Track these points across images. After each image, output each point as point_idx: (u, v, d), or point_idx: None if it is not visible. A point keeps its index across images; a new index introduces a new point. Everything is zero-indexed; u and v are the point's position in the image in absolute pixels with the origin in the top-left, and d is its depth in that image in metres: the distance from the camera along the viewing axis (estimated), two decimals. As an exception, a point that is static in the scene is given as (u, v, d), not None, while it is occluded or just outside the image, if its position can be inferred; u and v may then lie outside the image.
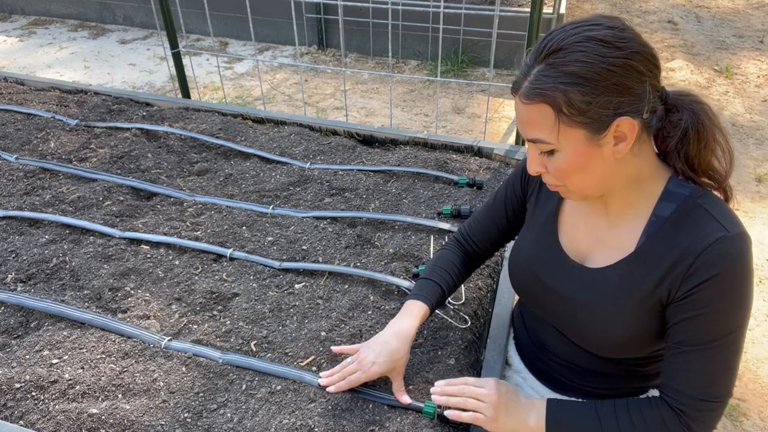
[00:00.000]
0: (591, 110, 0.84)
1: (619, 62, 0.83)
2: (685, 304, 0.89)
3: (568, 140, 0.88)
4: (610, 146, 0.88)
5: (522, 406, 1.01)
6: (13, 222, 1.64)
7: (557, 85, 0.84)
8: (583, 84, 0.83)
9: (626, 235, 0.96)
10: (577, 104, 0.84)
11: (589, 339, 1.02)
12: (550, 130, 0.88)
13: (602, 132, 0.86)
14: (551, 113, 0.86)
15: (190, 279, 1.45)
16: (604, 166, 0.90)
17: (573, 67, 0.83)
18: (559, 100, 0.84)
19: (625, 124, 0.85)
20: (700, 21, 5.22)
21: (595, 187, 0.93)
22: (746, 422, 1.83)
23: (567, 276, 1.03)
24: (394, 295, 1.38)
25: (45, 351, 1.24)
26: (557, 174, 0.92)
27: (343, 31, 2.70)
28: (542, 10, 1.93)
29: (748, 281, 0.88)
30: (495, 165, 1.92)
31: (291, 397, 1.14)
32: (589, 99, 0.84)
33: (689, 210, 0.90)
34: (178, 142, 2.05)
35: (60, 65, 4.75)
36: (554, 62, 0.85)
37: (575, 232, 1.05)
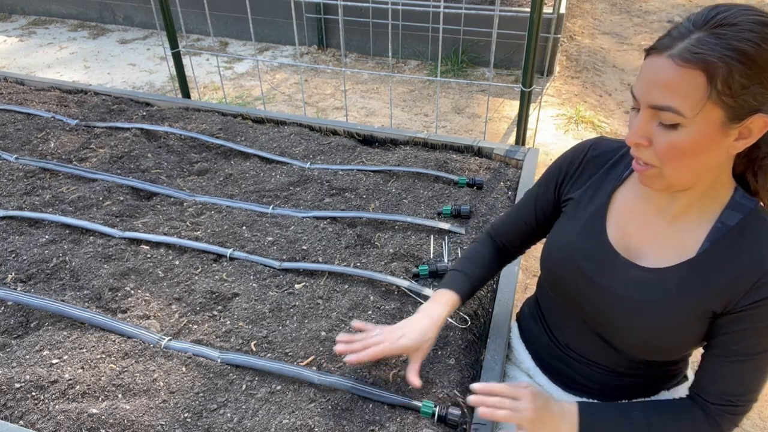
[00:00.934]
0: (743, 95, 0.79)
1: None
2: (743, 317, 0.89)
3: (704, 118, 0.81)
4: (732, 139, 0.83)
5: (556, 415, 0.98)
6: (13, 222, 1.64)
7: (724, 56, 0.77)
8: (749, 66, 0.77)
9: (688, 238, 0.94)
10: (734, 84, 0.78)
11: (629, 339, 1.00)
12: (693, 102, 0.80)
13: (737, 122, 0.81)
14: (704, 85, 0.79)
15: (190, 279, 1.45)
16: (716, 156, 0.85)
17: (745, 45, 0.77)
18: (718, 72, 0.78)
19: (759, 122, 0.81)
20: (700, 21, 5.22)
21: (691, 177, 0.88)
22: (746, 422, 1.83)
23: (617, 273, 1.00)
24: (394, 295, 1.38)
25: (45, 351, 1.24)
26: (666, 152, 0.85)
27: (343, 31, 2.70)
28: (542, 10, 1.93)
29: None
30: (495, 165, 1.92)
31: (291, 397, 1.14)
32: (747, 83, 0.78)
33: (755, 223, 0.89)
34: (178, 142, 2.05)
35: (60, 65, 4.75)
36: (724, 33, 0.78)
37: (627, 228, 1.01)
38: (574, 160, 1.11)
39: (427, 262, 1.47)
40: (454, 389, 1.15)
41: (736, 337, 0.90)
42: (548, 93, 4.13)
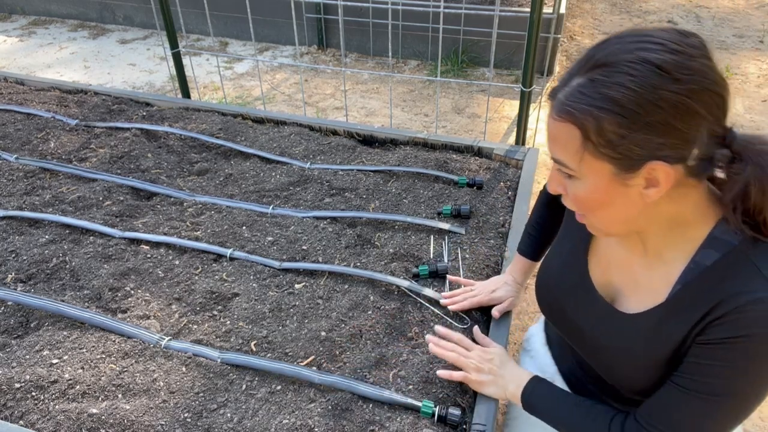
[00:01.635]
0: (623, 145, 0.72)
1: (672, 98, 0.70)
2: (703, 349, 0.80)
3: (591, 171, 0.77)
4: (639, 188, 0.76)
5: (506, 374, 1.08)
6: (13, 222, 1.64)
7: (591, 108, 0.73)
8: (621, 114, 0.71)
9: (661, 280, 0.86)
10: (608, 135, 0.72)
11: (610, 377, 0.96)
12: (573, 155, 0.77)
13: (632, 172, 0.74)
14: (578, 137, 0.75)
15: (190, 279, 1.45)
16: (630, 207, 0.79)
17: (615, 92, 0.71)
18: (589, 126, 0.73)
19: (660, 170, 0.73)
20: (700, 21, 5.22)
21: (620, 227, 0.83)
22: (746, 422, 1.83)
23: (593, 314, 0.96)
24: (394, 295, 1.38)
25: (45, 351, 1.24)
26: (575, 202, 0.83)
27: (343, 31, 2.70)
28: (542, 10, 1.93)
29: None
30: (495, 165, 1.92)
31: (291, 397, 1.14)
32: (624, 132, 0.72)
33: (736, 262, 0.78)
34: (178, 142, 2.05)
35: (60, 65, 4.75)
36: (597, 79, 0.73)
37: (608, 266, 0.95)
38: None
39: (427, 262, 1.47)
40: (454, 389, 1.15)
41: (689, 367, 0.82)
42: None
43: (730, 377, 0.78)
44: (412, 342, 1.26)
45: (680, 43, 0.72)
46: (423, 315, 1.32)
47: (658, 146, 0.72)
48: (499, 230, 1.60)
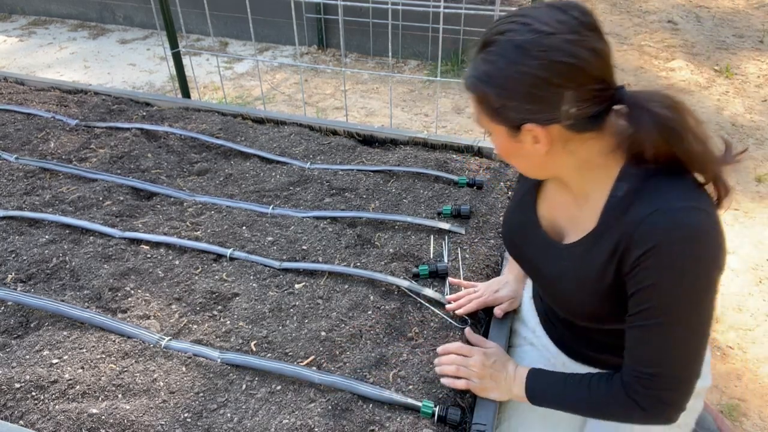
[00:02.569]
0: (502, 111, 0.87)
1: (528, 71, 0.82)
2: (630, 279, 0.89)
3: (493, 130, 0.93)
4: (529, 144, 0.90)
5: (509, 376, 1.11)
6: (13, 222, 1.64)
7: (477, 82, 0.88)
8: (494, 86, 0.86)
9: (590, 213, 0.97)
10: (492, 103, 0.88)
11: (560, 307, 1.07)
12: (479, 117, 0.93)
13: (516, 132, 0.89)
14: (476, 105, 0.92)
15: (190, 279, 1.45)
16: (532, 157, 0.94)
17: (489, 68, 0.86)
18: (480, 97, 0.89)
19: (536, 130, 0.87)
20: (700, 21, 5.22)
21: (534, 172, 1.00)
22: (746, 422, 1.83)
23: (539, 248, 1.07)
24: (394, 295, 1.38)
25: (45, 351, 1.24)
26: (498, 153, 0.98)
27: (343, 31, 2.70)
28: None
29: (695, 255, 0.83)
30: (495, 165, 1.92)
31: (291, 397, 1.14)
32: (501, 101, 0.86)
33: (640, 188, 0.88)
34: (178, 142, 2.05)
35: (60, 65, 4.75)
36: (482, 57, 0.87)
37: (553, 206, 1.07)
38: None
39: (427, 262, 1.47)
40: (454, 389, 1.15)
41: (632, 301, 0.90)
42: (548, 93, 4.13)
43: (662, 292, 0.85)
44: (412, 342, 1.26)
45: (548, 22, 0.83)
46: (423, 315, 1.32)
47: (527, 111, 0.86)
48: (499, 230, 1.60)
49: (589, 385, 1.00)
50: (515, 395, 1.09)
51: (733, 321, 2.22)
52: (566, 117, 0.85)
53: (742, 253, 2.57)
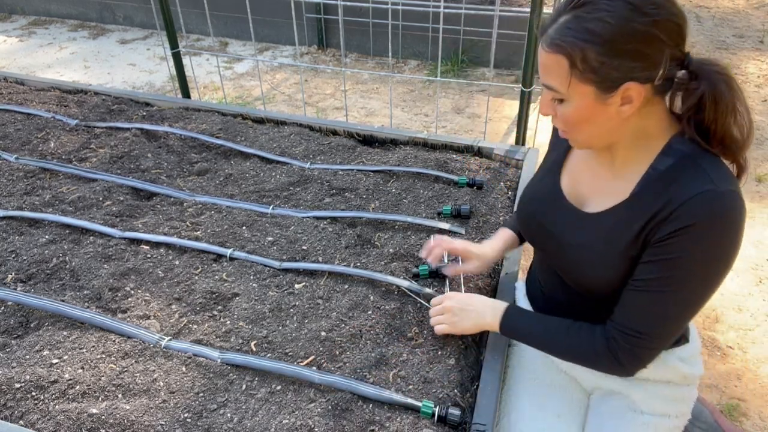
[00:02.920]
0: (603, 70, 0.87)
1: (641, 29, 0.84)
2: (657, 248, 0.92)
3: (578, 93, 0.91)
4: (616, 106, 0.90)
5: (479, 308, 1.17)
6: (13, 222, 1.64)
7: (576, 40, 0.86)
8: (601, 44, 0.85)
9: (624, 185, 0.99)
10: (591, 62, 0.87)
11: (578, 279, 1.08)
12: (562, 80, 0.91)
13: (610, 92, 0.89)
14: (566, 65, 0.89)
15: (190, 279, 1.45)
16: (608, 122, 0.93)
17: (594, 25, 0.85)
18: (575, 56, 0.87)
19: (633, 89, 0.88)
20: (700, 21, 5.22)
21: (599, 139, 0.98)
22: (746, 422, 1.83)
23: (562, 218, 1.09)
24: (394, 295, 1.38)
25: (45, 351, 1.24)
26: (564, 122, 0.97)
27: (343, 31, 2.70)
28: (542, 10, 1.93)
29: (726, 240, 0.89)
30: (495, 165, 1.92)
31: (291, 397, 1.14)
32: (603, 59, 0.86)
33: (685, 165, 0.92)
34: (178, 142, 2.05)
35: (60, 65, 4.75)
36: (580, 15, 0.87)
37: (578, 179, 1.10)
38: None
39: (427, 262, 1.47)
40: (454, 389, 1.15)
41: (647, 267, 0.94)
42: (548, 93, 4.13)
43: (683, 266, 0.90)
44: (412, 342, 1.26)
45: None
46: (423, 315, 1.32)
47: (631, 69, 0.86)
48: (499, 230, 1.60)
49: (568, 330, 1.06)
50: (487, 324, 1.15)
51: (733, 321, 2.22)
52: (660, 75, 0.87)
53: (742, 253, 2.57)
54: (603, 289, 1.04)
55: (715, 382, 1.97)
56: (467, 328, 1.18)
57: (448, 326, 1.20)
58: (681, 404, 1.19)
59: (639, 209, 0.95)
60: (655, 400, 1.17)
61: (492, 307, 1.16)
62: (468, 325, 1.18)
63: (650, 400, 1.17)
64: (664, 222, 0.91)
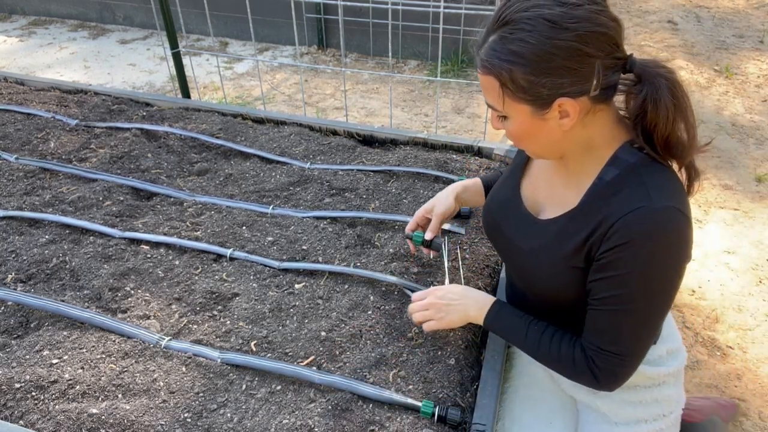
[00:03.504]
0: (533, 89, 0.86)
1: (563, 45, 0.83)
2: (600, 265, 0.92)
3: (514, 111, 0.92)
4: (556, 120, 0.90)
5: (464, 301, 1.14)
6: (13, 222, 1.64)
7: (502, 62, 0.86)
8: (525, 64, 0.85)
9: (574, 194, 1.00)
10: (519, 82, 0.86)
11: (530, 286, 1.09)
12: (497, 100, 0.91)
13: (545, 108, 0.89)
14: (497, 86, 0.89)
15: (190, 279, 1.45)
16: (550, 135, 0.93)
17: (517, 46, 0.84)
18: (504, 77, 0.87)
19: (567, 104, 0.87)
20: (700, 21, 5.22)
21: (547, 151, 0.98)
22: (746, 422, 1.83)
23: (517, 224, 1.09)
24: (394, 295, 1.38)
25: (45, 351, 1.24)
26: (510, 136, 0.98)
27: (343, 31, 2.70)
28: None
29: (666, 253, 0.88)
30: (495, 165, 1.92)
31: (291, 397, 1.14)
32: (531, 78, 0.85)
33: (627, 177, 0.91)
34: (178, 142, 2.05)
35: (60, 65, 4.75)
36: (504, 36, 0.86)
37: (537, 184, 1.10)
38: None
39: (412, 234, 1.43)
40: (454, 389, 1.15)
41: (596, 285, 0.94)
42: (548, 93, 4.12)
43: (630, 283, 0.90)
44: (412, 342, 1.26)
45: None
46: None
47: (560, 85, 0.85)
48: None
49: (551, 340, 1.04)
50: (471, 317, 1.13)
51: (733, 321, 2.22)
52: (594, 87, 0.86)
53: (742, 253, 2.57)
54: (554, 299, 1.05)
55: (715, 382, 1.97)
56: (453, 321, 1.16)
57: (435, 322, 1.17)
58: (654, 406, 1.13)
59: (582, 220, 0.96)
60: (622, 407, 1.13)
61: (476, 300, 1.14)
62: (454, 318, 1.15)
63: (618, 408, 1.13)
64: (603, 238, 0.91)
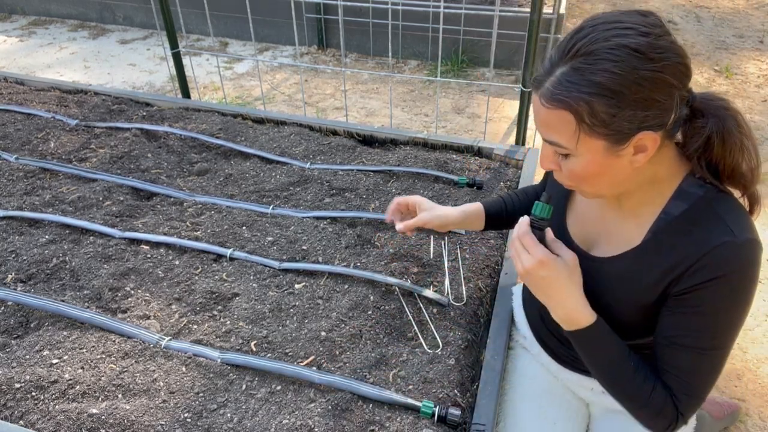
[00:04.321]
0: (614, 123, 0.81)
1: (650, 75, 0.79)
2: (681, 301, 0.89)
3: (587, 149, 0.85)
4: (629, 156, 0.85)
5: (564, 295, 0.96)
6: (13, 222, 1.64)
7: (582, 94, 0.80)
8: (610, 96, 0.80)
9: (634, 229, 0.96)
10: (600, 116, 0.81)
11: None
12: (569, 137, 0.85)
13: (623, 144, 0.83)
14: (572, 121, 0.83)
15: (190, 279, 1.45)
16: (619, 173, 0.88)
17: (601, 77, 0.79)
18: (582, 110, 0.81)
19: (647, 138, 0.83)
20: (700, 21, 5.22)
21: (608, 190, 0.92)
22: (746, 422, 1.83)
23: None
24: (394, 295, 1.38)
25: (45, 351, 1.24)
26: (571, 177, 0.91)
27: (343, 31, 2.70)
28: (542, 10, 1.93)
29: (748, 288, 0.87)
30: (495, 165, 1.92)
31: (291, 397, 1.14)
32: (614, 111, 0.80)
33: (700, 211, 0.88)
34: (178, 142, 2.05)
35: (60, 65, 4.75)
36: (581, 67, 0.81)
37: (584, 219, 1.05)
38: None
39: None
40: (454, 389, 1.15)
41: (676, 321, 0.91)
42: (548, 93, 4.12)
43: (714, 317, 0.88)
44: (412, 342, 1.26)
45: (646, 24, 0.81)
46: (423, 315, 1.32)
47: (643, 118, 0.81)
48: (499, 232, 1.60)
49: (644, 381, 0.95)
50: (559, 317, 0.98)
51: (733, 321, 2.22)
52: (672, 120, 0.83)
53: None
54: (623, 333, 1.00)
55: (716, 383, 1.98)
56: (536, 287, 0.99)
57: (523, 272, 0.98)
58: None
59: (654, 257, 0.92)
60: None
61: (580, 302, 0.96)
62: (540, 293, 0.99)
63: None
64: (686, 274, 0.87)
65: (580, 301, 0.96)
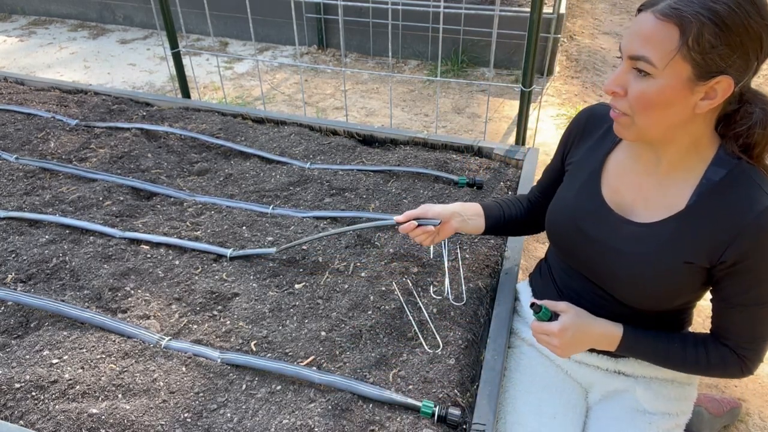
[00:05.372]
0: (710, 54, 0.84)
1: (756, 26, 0.84)
2: (731, 267, 0.95)
3: (672, 72, 0.87)
4: (698, 97, 0.89)
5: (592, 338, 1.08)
6: (13, 222, 1.64)
7: (698, 14, 0.83)
8: (719, 26, 0.83)
9: (676, 194, 1.00)
10: (703, 42, 0.84)
11: (626, 289, 1.07)
12: (664, 53, 0.86)
13: (703, 80, 0.87)
14: (676, 39, 0.85)
15: (190, 279, 1.45)
16: (681, 113, 0.91)
17: (719, 6, 0.83)
18: (691, 30, 0.84)
19: (724, 83, 0.87)
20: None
21: (660, 130, 0.94)
22: (747, 422, 1.83)
23: (612, 228, 1.07)
24: (393, 295, 1.38)
25: (45, 351, 1.24)
26: (637, 100, 0.91)
27: (343, 31, 2.70)
28: (542, 10, 1.93)
29: None
30: (495, 165, 1.92)
31: (291, 397, 1.14)
32: (715, 43, 0.84)
33: (738, 177, 0.94)
34: (178, 142, 2.05)
35: (60, 65, 4.75)
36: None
37: (619, 187, 1.08)
38: (574, 129, 1.19)
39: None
40: (454, 389, 1.15)
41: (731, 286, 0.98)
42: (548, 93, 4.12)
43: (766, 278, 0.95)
44: (412, 342, 1.26)
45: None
46: (423, 315, 1.32)
47: (732, 62, 0.85)
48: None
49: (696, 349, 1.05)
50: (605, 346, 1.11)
51: (733, 321, 2.22)
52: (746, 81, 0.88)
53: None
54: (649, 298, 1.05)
55: (715, 382, 1.97)
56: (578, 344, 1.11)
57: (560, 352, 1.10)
58: (683, 403, 1.21)
59: (699, 221, 0.97)
60: (658, 399, 1.19)
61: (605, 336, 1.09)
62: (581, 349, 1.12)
63: (654, 399, 1.19)
64: (732, 241, 0.93)
65: (601, 323, 1.08)
